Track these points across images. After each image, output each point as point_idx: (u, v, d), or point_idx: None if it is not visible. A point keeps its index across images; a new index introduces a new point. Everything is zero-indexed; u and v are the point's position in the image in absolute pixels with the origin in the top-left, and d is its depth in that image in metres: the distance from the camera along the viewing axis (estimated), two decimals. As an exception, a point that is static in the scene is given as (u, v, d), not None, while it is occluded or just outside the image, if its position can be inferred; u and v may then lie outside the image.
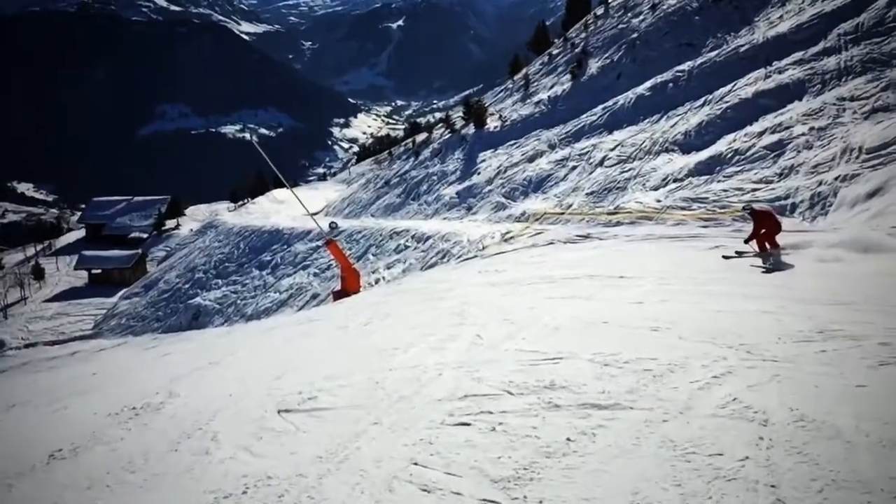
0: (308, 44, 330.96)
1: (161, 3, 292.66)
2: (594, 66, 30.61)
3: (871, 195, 12.02)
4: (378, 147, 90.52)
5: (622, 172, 20.04)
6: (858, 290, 6.99)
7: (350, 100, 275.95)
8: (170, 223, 63.00)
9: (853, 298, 6.52)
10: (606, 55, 30.49)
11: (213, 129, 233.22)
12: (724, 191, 15.56)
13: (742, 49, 21.64)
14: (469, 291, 10.51)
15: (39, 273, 50.13)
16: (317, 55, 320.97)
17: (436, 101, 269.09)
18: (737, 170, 16.15)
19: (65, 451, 5.30)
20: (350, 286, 17.96)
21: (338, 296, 17.77)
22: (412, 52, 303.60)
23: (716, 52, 23.01)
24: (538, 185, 23.34)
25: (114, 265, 49.39)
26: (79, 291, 47.10)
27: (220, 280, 33.93)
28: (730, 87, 20.06)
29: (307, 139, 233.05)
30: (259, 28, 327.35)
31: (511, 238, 18.62)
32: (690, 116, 20.42)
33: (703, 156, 17.71)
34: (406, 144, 48.55)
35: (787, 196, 13.80)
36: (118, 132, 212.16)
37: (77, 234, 67.95)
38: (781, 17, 21.58)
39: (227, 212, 57.49)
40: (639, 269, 10.11)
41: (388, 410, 4.58)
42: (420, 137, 45.89)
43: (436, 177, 32.27)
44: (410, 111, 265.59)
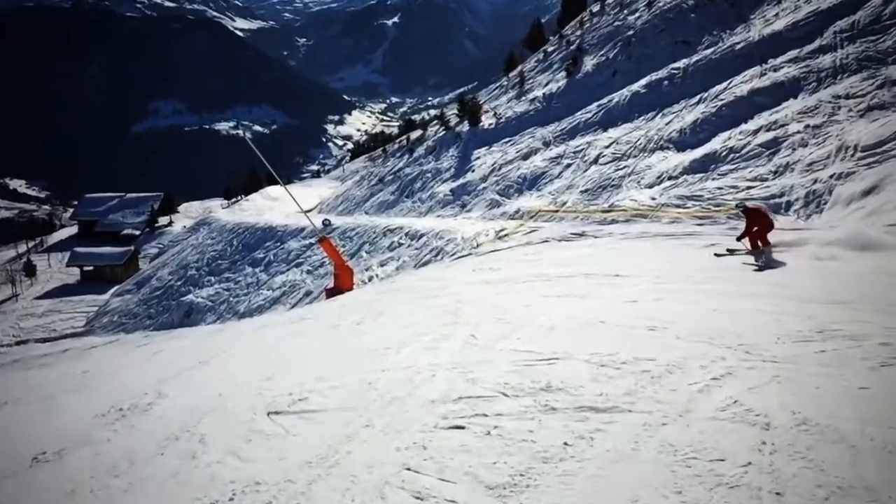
0: (303, 40, 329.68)
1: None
2: (589, 64, 30.53)
3: (867, 193, 11.98)
4: (372, 144, 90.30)
5: (617, 170, 19.98)
6: (856, 289, 6.93)
7: (345, 97, 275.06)
8: (163, 220, 62.70)
9: (851, 297, 6.47)
10: (602, 52, 30.41)
11: (207, 126, 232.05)
12: (719, 188, 15.52)
13: (738, 47, 21.59)
14: (463, 290, 10.42)
15: (31, 270, 49.81)
16: (311, 52, 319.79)
17: (431, 99, 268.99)
18: (732, 167, 16.10)
19: (49, 454, 5.19)
20: (343, 284, 17.90)
21: (331, 293, 17.69)
22: (407, 49, 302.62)
23: (711, 50, 22.95)
24: (533, 183, 23.26)
25: (106, 262, 49.09)
26: (70, 288, 46.80)
27: (213, 277, 33.73)
28: (725, 85, 20.02)
29: (301, 136, 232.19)
30: (253, 24, 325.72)
31: (505, 236, 18.54)
32: (685, 114, 20.36)
33: (698, 153, 17.66)
34: (400, 142, 48.40)
35: (782, 194, 13.77)
36: (111, 128, 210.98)
37: (69, 231, 67.52)
38: (777, 15, 21.54)
39: (221, 209, 57.23)
40: (634, 268, 10.05)
41: (381, 413, 4.47)
42: (414, 135, 45.76)
43: (430, 174, 32.15)
44: (405, 108, 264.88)
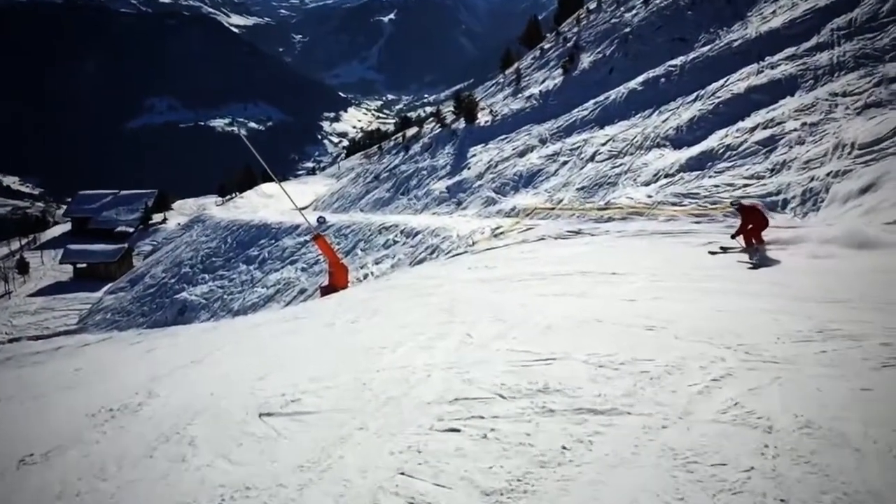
0: (298, 37, 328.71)
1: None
2: (586, 61, 30.44)
3: (864, 191, 11.93)
4: (368, 141, 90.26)
5: (613, 168, 19.92)
6: (854, 288, 6.88)
7: (340, 94, 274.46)
8: (157, 217, 62.42)
9: (850, 296, 6.41)
10: (598, 50, 30.32)
11: (202, 123, 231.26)
12: (716, 186, 15.46)
13: (734, 44, 21.53)
14: (459, 288, 10.34)
15: (24, 267, 49.49)
16: (307, 48, 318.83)
17: (427, 96, 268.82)
18: (728, 165, 16.05)
19: (37, 456, 5.11)
20: (338, 281, 17.84)
21: (325, 291, 17.62)
22: (403, 46, 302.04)
23: (708, 47, 22.88)
24: (529, 180, 23.18)
25: (99, 259, 48.84)
26: (64, 286, 46.49)
27: (207, 275, 33.54)
28: (722, 83, 19.95)
29: (297, 133, 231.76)
30: (249, 21, 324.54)
31: (501, 233, 18.46)
32: (682, 111, 20.30)
33: (695, 151, 17.60)
34: (396, 139, 48.29)
35: (779, 192, 13.71)
36: (106, 125, 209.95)
37: (63, 228, 67.13)
38: (774, 13, 21.47)
39: (215, 206, 57.08)
40: (631, 266, 9.99)
41: (375, 414, 4.37)
42: (410, 132, 45.66)
43: (426, 171, 32.04)
44: (401, 105, 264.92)
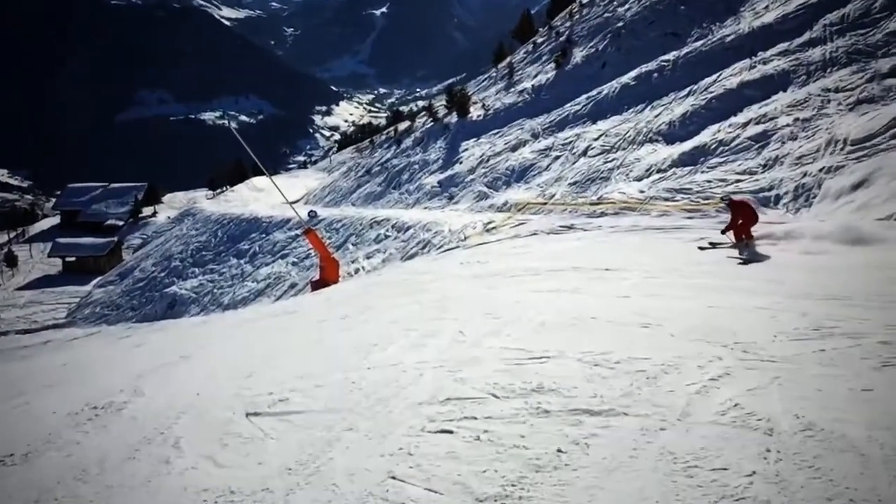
0: (290, 30, 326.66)
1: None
2: (579, 55, 30.33)
3: (856, 187, 11.95)
4: (360, 135, 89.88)
5: (606, 162, 19.86)
6: (850, 285, 6.83)
7: (332, 87, 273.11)
8: (146, 210, 62.06)
9: (846, 293, 6.35)
10: (591, 44, 30.20)
11: (193, 116, 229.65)
12: (708, 182, 15.45)
13: (727, 39, 21.48)
14: (451, 284, 10.23)
15: (12, 260, 49.02)
16: (299, 42, 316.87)
17: (419, 90, 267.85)
18: (721, 161, 16.04)
19: (16, 457, 4.95)
20: (329, 276, 17.73)
21: (316, 286, 17.51)
22: (395, 40, 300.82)
23: (701, 42, 22.83)
24: (521, 175, 23.09)
25: (88, 253, 48.49)
26: (52, 279, 46.13)
27: (197, 269, 33.26)
28: (715, 78, 19.92)
29: (288, 127, 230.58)
30: (240, 13, 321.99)
31: (493, 228, 18.37)
32: (675, 106, 20.26)
33: (687, 146, 17.58)
34: (388, 133, 47.99)
35: (771, 187, 13.71)
36: (96, 118, 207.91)
37: (52, 221, 66.67)
38: (767, 8, 21.43)
39: (206, 199, 56.75)
40: (624, 262, 9.93)
41: (365, 415, 4.25)
42: (402, 126, 45.41)
43: (417, 166, 31.90)
44: (393, 99, 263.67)
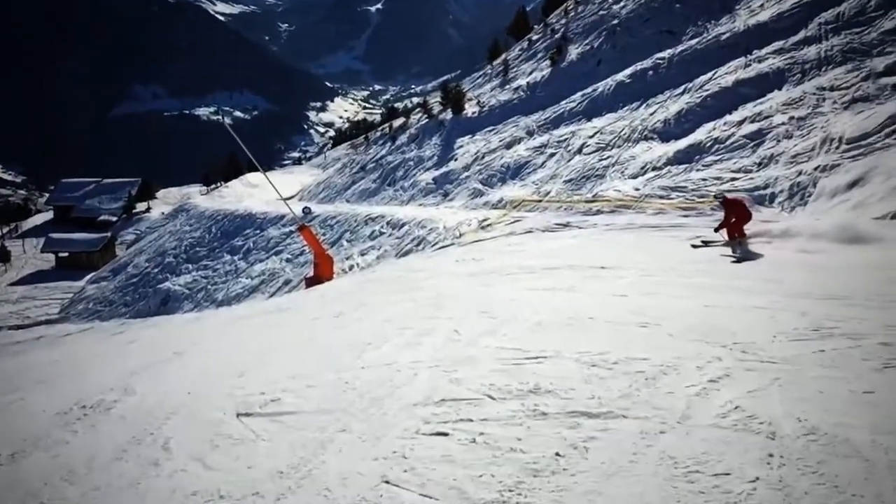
0: (285, 26, 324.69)
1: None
2: (574, 53, 30.28)
3: (851, 186, 11.94)
4: (354, 132, 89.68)
5: (601, 160, 19.82)
6: (848, 284, 6.80)
7: (327, 83, 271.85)
8: (140, 206, 61.55)
9: (845, 293, 6.31)
10: (586, 41, 30.16)
11: (187, 112, 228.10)
12: (703, 180, 15.43)
13: (722, 37, 21.47)
14: (445, 281, 10.17)
15: (5, 255, 48.55)
16: (293, 37, 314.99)
17: (413, 86, 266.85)
18: (716, 159, 16.02)
19: (3, 457, 4.86)
20: (323, 273, 17.61)
21: (310, 282, 17.40)
22: (390, 36, 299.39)
23: (696, 40, 22.81)
24: (516, 172, 23.02)
25: (82, 248, 48.07)
26: (45, 275, 45.65)
27: (191, 265, 33.09)
28: (710, 76, 19.90)
29: (283, 123, 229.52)
30: (235, 9, 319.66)
31: (488, 225, 18.30)
32: (670, 104, 20.23)
33: (682, 144, 17.56)
34: (383, 129, 47.85)
35: (767, 186, 13.70)
36: (90, 113, 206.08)
37: (45, 216, 66.03)
38: (762, 6, 21.43)
39: (200, 195, 56.39)
40: (620, 260, 9.89)
41: (358, 416, 4.17)
42: (397, 122, 45.28)
43: (412, 162, 31.78)
44: (388, 96, 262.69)
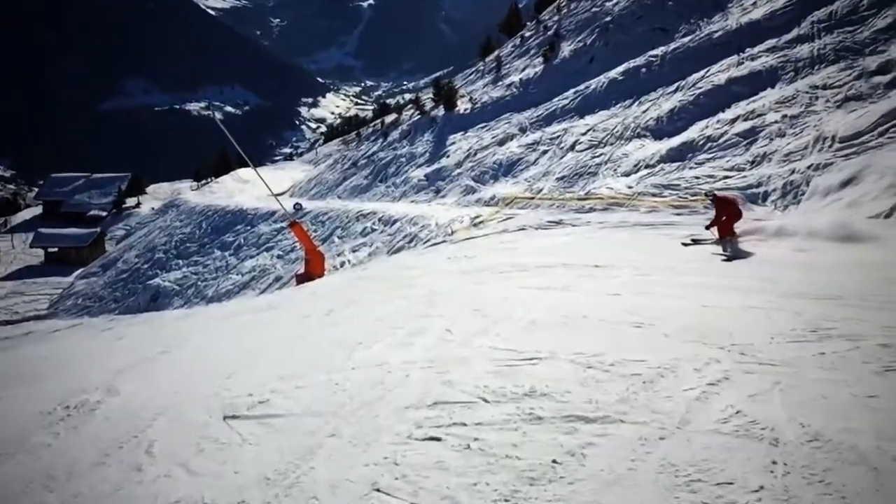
0: (277, 21, 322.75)
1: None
2: (567, 50, 30.19)
3: (845, 184, 11.90)
4: (346, 128, 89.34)
5: (593, 157, 19.74)
6: (845, 284, 6.73)
7: (319, 79, 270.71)
8: (130, 201, 61.09)
9: (840, 292, 6.25)
10: (579, 38, 30.08)
11: (178, 107, 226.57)
12: (696, 178, 15.38)
13: (715, 35, 21.43)
14: (438, 279, 10.05)
15: (-7, 251, 48.21)
16: (285, 32, 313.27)
17: (406, 83, 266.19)
18: (709, 157, 15.97)
19: (-17, 460, 4.72)
20: (314, 269, 17.50)
21: (301, 279, 17.27)
22: (382, 32, 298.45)
23: (689, 38, 22.77)
24: (508, 169, 22.93)
25: (71, 244, 47.71)
26: (34, 270, 45.28)
27: (181, 261, 32.80)
28: (702, 74, 19.86)
29: (274, 118, 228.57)
30: (226, 3, 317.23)
31: (481, 223, 18.19)
32: (663, 102, 20.18)
33: (675, 142, 17.51)
34: (375, 125, 47.62)
35: (760, 184, 13.65)
36: (80, 107, 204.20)
37: (34, 211, 65.49)
38: (755, 4, 21.40)
39: (190, 191, 56.16)
40: (614, 258, 9.81)
41: (349, 419, 4.05)
42: (389, 118, 45.08)
43: (404, 159, 31.62)
44: (380, 92, 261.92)
